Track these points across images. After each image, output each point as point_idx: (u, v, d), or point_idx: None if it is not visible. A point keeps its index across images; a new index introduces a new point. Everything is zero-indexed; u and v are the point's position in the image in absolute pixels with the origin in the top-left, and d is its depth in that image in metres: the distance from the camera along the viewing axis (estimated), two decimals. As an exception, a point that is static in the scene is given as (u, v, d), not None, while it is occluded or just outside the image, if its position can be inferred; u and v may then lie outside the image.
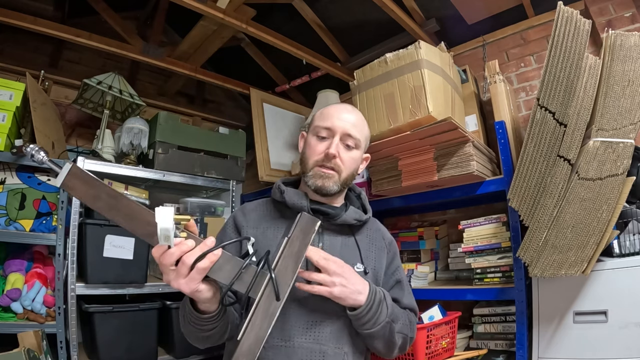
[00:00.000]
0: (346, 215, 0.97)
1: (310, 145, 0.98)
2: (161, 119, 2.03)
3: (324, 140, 0.96)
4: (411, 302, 1.05)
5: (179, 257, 0.66)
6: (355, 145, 0.98)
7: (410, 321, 1.00)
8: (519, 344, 1.37)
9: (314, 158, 0.96)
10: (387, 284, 1.02)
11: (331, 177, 0.95)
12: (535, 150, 1.26)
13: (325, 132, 0.96)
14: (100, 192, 0.67)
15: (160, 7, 2.36)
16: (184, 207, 2.08)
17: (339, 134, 0.96)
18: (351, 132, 0.97)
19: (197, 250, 0.66)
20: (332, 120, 0.97)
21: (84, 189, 0.68)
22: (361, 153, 1.03)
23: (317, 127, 0.98)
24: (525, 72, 1.98)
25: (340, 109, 1.01)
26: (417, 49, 1.45)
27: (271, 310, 0.67)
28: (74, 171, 0.68)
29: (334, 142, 0.95)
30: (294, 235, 0.72)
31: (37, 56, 2.27)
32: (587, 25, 1.23)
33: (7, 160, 1.60)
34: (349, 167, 0.98)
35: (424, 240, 1.83)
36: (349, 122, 0.97)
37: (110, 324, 1.65)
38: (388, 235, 1.11)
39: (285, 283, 0.69)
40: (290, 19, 2.27)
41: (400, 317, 0.95)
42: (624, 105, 1.19)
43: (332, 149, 0.94)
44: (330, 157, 0.94)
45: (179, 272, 0.66)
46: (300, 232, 0.72)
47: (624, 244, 1.29)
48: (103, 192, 0.67)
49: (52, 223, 1.70)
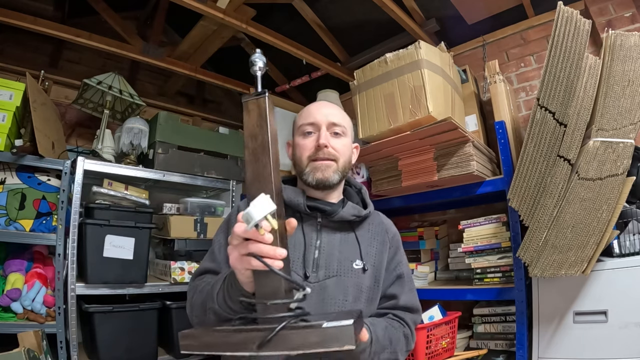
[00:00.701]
0: (343, 211, 0.96)
1: (299, 145, 0.97)
2: (161, 119, 2.03)
3: (310, 135, 0.96)
4: (411, 300, 1.00)
5: (249, 239, 0.63)
6: (343, 132, 0.98)
7: (405, 335, 0.94)
8: (519, 344, 1.37)
9: (306, 154, 0.95)
10: (387, 280, 0.99)
11: (330, 167, 0.94)
12: (535, 150, 1.26)
13: (311, 128, 0.96)
14: (261, 134, 0.66)
15: (160, 7, 2.36)
16: (184, 207, 2.08)
17: (324, 125, 0.95)
18: (335, 120, 0.96)
19: (265, 248, 0.62)
20: (314, 115, 0.97)
21: (254, 118, 0.67)
22: (350, 141, 1.02)
23: (302, 126, 0.98)
24: (525, 72, 1.98)
25: (319, 105, 1.02)
26: (417, 49, 1.45)
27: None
28: (265, 103, 0.67)
29: (322, 133, 0.94)
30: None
31: (37, 56, 2.27)
32: (587, 25, 1.23)
33: (7, 160, 1.60)
34: (343, 154, 0.97)
35: (424, 240, 1.83)
36: (331, 114, 0.98)
37: (110, 324, 1.65)
38: (392, 228, 1.08)
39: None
40: (290, 19, 2.27)
41: (388, 345, 0.87)
42: (624, 105, 1.19)
43: (322, 139, 0.93)
44: (322, 147, 0.93)
45: (239, 247, 0.64)
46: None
47: (624, 244, 1.29)
48: (263, 138, 0.66)
49: (52, 223, 1.70)
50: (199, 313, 0.83)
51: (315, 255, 0.92)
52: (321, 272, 0.91)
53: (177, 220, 1.98)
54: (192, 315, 0.87)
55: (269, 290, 0.64)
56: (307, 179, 0.95)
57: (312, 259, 0.91)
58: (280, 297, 0.63)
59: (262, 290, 0.65)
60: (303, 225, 0.94)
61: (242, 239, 0.63)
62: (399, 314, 0.96)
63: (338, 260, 0.93)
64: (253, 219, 0.60)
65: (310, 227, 0.95)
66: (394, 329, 0.92)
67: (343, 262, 0.93)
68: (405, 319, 0.96)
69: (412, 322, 0.98)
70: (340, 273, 0.91)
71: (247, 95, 0.69)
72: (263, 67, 0.73)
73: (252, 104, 0.69)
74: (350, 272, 0.92)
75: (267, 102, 0.68)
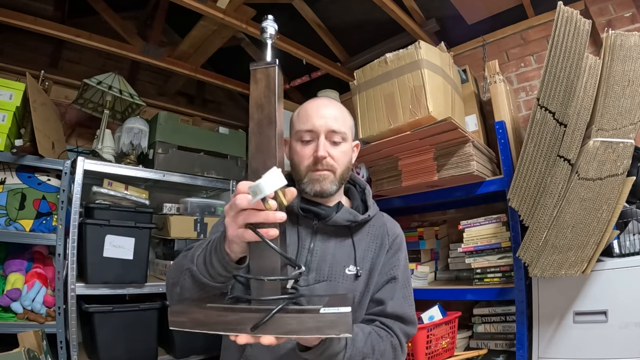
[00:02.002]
0: (337, 216, 0.92)
1: (297, 152, 0.92)
2: (161, 119, 2.03)
3: (308, 143, 0.91)
4: (401, 307, 0.90)
5: (248, 210, 0.60)
6: (342, 139, 0.92)
7: (393, 346, 0.85)
8: (519, 344, 1.37)
9: (304, 164, 0.91)
10: (378, 283, 0.92)
11: (327, 178, 0.90)
12: (535, 150, 1.26)
13: (309, 135, 0.91)
14: (268, 105, 0.64)
15: (160, 7, 2.36)
16: (184, 207, 2.08)
17: (322, 133, 0.89)
18: (334, 127, 0.90)
19: (261, 215, 0.59)
20: (312, 120, 0.90)
21: (262, 88, 0.65)
22: (350, 144, 0.97)
23: (299, 131, 0.92)
24: (525, 72, 1.98)
25: (317, 105, 0.94)
26: (417, 49, 1.45)
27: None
28: (275, 73, 0.65)
29: (320, 143, 0.89)
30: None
31: (37, 56, 2.27)
32: (587, 25, 1.23)
33: (7, 160, 1.60)
34: (342, 163, 0.92)
35: (424, 240, 1.83)
36: (330, 118, 0.91)
37: (110, 324, 1.65)
38: (395, 230, 1.01)
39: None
40: (290, 19, 2.26)
41: (370, 354, 0.79)
42: (624, 105, 1.19)
43: (321, 151, 0.88)
44: (321, 159, 0.88)
45: (239, 217, 0.61)
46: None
47: (624, 244, 1.29)
48: (269, 110, 0.64)
49: (52, 223, 1.70)
50: (174, 274, 0.78)
51: (307, 258, 0.90)
52: (311, 275, 0.88)
53: (177, 220, 1.98)
54: (168, 279, 0.82)
55: (265, 267, 0.61)
56: (305, 189, 0.91)
57: (304, 262, 0.89)
58: (276, 275, 0.61)
59: (259, 265, 0.62)
60: (299, 228, 0.92)
61: (239, 209, 0.60)
62: (387, 322, 0.88)
63: (330, 264, 0.89)
64: (262, 192, 0.56)
65: (306, 230, 0.92)
66: (379, 337, 0.84)
67: (335, 267, 0.89)
68: (393, 328, 0.87)
69: (401, 333, 0.88)
70: (331, 278, 0.88)
71: (256, 63, 0.66)
72: (274, 35, 0.70)
73: (260, 72, 0.66)
74: (342, 278, 0.88)
75: (277, 73, 0.65)
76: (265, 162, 0.63)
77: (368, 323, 0.88)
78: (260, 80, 0.66)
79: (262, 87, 0.65)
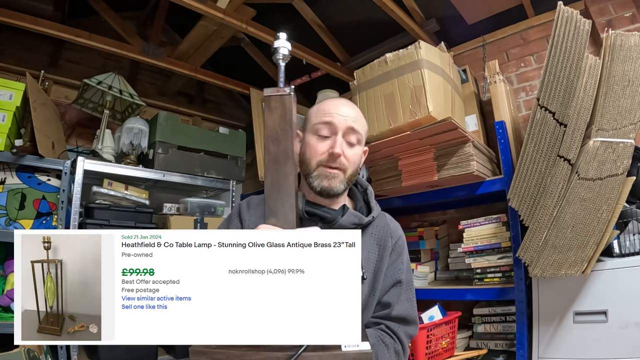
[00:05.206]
0: (343, 220, 0.91)
1: (311, 145, 0.91)
2: (161, 119, 2.03)
3: (325, 139, 0.90)
4: (406, 310, 0.92)
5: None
6: (358, 141, 0.93)
7: (396, 352, 0.87)
8: (519, 344, 1.37)
9: (317, 158, 0.90)
10: (384, 286, 0.93)
11: (337, 177, 0.90)
12: (535, 150, 1.26)
13: (327, 130, 0.90)
14: (284, 139, 0.62)
15: (160, 7, 2.36)
16: (184, 207, 2.08)
17: (341, 130, 0.89)
18: (354, 125, 0.91)
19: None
20: (333, 116, 0.90)
21: (277, 118, 0.63)
22: (362, 148, 0.97)
23: (317, 124, 0.91)
24: (525, 72, 1.98)
25: (339, 103, 0.94)
26: (417, 49, 1.45)
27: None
28: (290, 102, 0.63)
29: (338, 140, 0.89)
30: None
31: (37, 56, 2.27)
32: (587, 25, 1.23)
33: (7, 160, 1.60)
34: (353, 164, 0.93)
35: (424, 240, 1.83)
36: (350, 117, 0.92)
37: (110, 324, 1.65)
38: (397, 232, 1.01)
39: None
40: (290, 19, 2.27)
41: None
42: (624, 105, 1.19)
43: (337, 148, 0.87)
44: (336, 157, 0.88)
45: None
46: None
47: (624, 244, 1.29)
48: (286, 144, 0.62)
49: (52, 223, 1.70)
50: None
51: None
52: None
53: (177, 220, 1.98)
54: None
55: None
56: (313, 183, 0.91)
57: None
58: None
59: None
60: None
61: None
62: (392, 326, 0.89)
63: None
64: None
65: None
66: (385, 347, 0.85)
67: None
68: (397, 333, 0.89)
69: (405, 336, 0.90)
70: None
71: (270, 89, 0.64)
72: (287, 55, 0.67)
73: (275, 101, 0.64)
74: None
75: (293, 103, 0.63)
76: (283, 202, 0.61)
77: (372, 325, 0.89)
78: (275, 109, 0.64)
79: (277, 117, 0.63)
